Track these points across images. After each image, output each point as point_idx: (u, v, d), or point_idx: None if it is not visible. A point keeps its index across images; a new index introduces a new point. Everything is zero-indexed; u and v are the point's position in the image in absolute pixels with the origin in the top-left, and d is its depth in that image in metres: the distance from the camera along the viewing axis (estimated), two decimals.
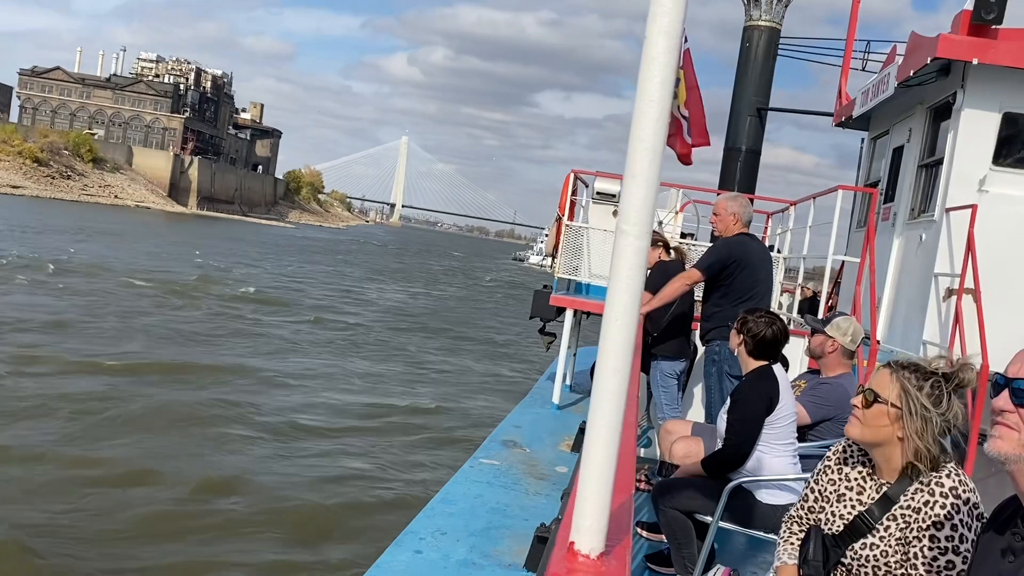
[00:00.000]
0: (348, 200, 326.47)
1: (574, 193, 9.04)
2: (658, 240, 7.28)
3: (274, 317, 29.35)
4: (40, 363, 17.34)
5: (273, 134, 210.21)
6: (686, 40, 7.35)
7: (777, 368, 4.67)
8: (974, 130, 7.74)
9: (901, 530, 2.63)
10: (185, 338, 22.76)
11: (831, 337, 5.07)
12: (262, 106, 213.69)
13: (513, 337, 32.20)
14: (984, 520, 2.44)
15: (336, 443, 14.85)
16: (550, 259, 9.49)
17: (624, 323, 1.13)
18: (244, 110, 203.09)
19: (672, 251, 7.39)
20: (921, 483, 2.63)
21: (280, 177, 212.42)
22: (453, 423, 17.37)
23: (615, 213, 10.51)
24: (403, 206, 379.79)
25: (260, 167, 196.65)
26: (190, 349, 21.26)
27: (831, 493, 2.87)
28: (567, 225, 8.68)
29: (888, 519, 2.66)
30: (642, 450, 7.54)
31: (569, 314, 8.57)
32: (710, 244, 8.04)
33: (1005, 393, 1.91)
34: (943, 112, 8.25)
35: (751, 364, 4.69)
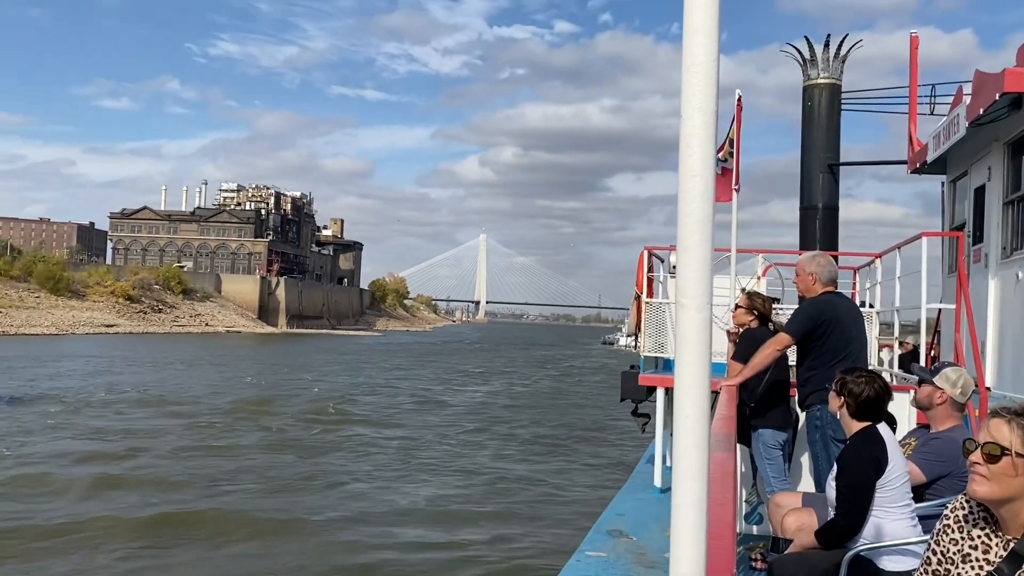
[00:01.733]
0: (434, 302, 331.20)
1: (650, 270, 9.01)
2: (754, 307, 7.12)
3: (350, 429, 28.79)
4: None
5: (354, 247, 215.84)
6: (741, 103, 7.40)
7: (882, 428, 4.50)
8: None
9: None
10: (219, 468, 21.47)
11: (940, 388, 4.86)
12: (342, 221, 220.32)
13: (608, 422, 31.75)
14: None
15: (435, 539, 14.78)
16: (633, 339, 9.41)
17: (696, 398, 1.12)
18: (325, 227, 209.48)
19: (771, 324, 7.19)
20: None
21: (365, 287, 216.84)
22: (554, 513, 17.12)
23: None
24: (487, 302, 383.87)
25: (345, 280, 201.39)
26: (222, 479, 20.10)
27: (955, 554, 2.72)
28: (647, 302, 8.63)
29: None
30: (755, 527, 7.28)
31: (660, 393, 8.44)
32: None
33: None
34: (1021, 146, 8.04)
35: (855, 426, 4.53)
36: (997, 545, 2.60)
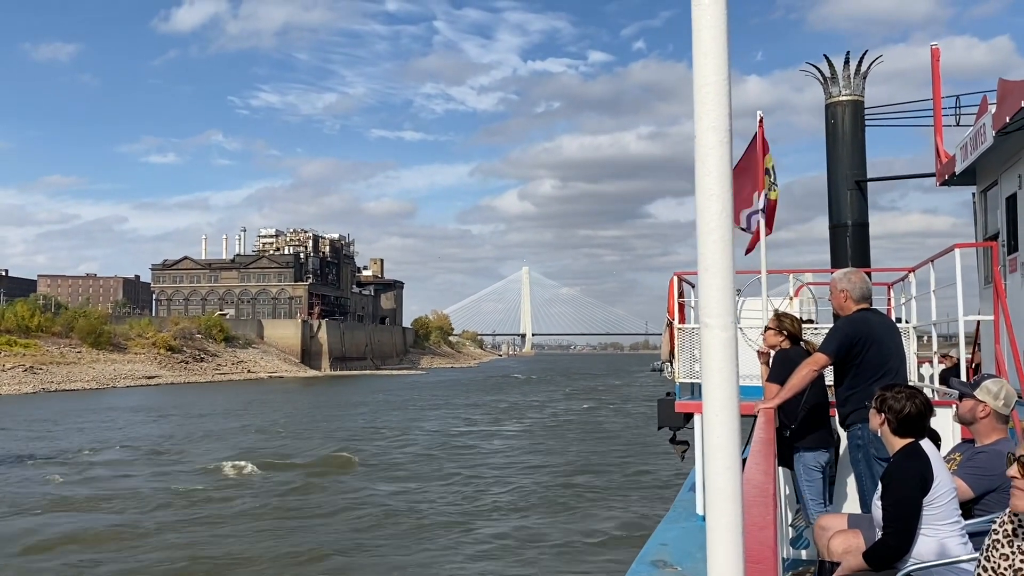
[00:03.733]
0: (479, 337, 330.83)
1: (681, 295, 8.97)
2: (783, 328, 7.07)
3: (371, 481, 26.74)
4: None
5: (395, 286, 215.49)
6: (763, 125, 7.38)
7: (926, 444, 4.43)
8: None
9: None
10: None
11: (981, 401, 4.78)
12: (382, 261, 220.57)
13: (646, 447, 31.44)
14: None
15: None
16: (668, 365, 9.35)
17: (725, 418, 1.11)
18: (365, 268, 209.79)
19: (804, 343, 7.13)
20: None
21: (408, 326, 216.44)
22: (597, 549, 16.95)
23: None
24: (533, 334, 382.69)
25: (387, 319, 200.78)
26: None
27: (1006, 569, 2.66)
28: (679, 328, 8.58)
29: None
30: (803, 552, 7.15)
31: (697, 419, 8.36)
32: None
33: None
34: None
35: (897, 443, 4.46)
36: None
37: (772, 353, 7.14)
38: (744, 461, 3.74)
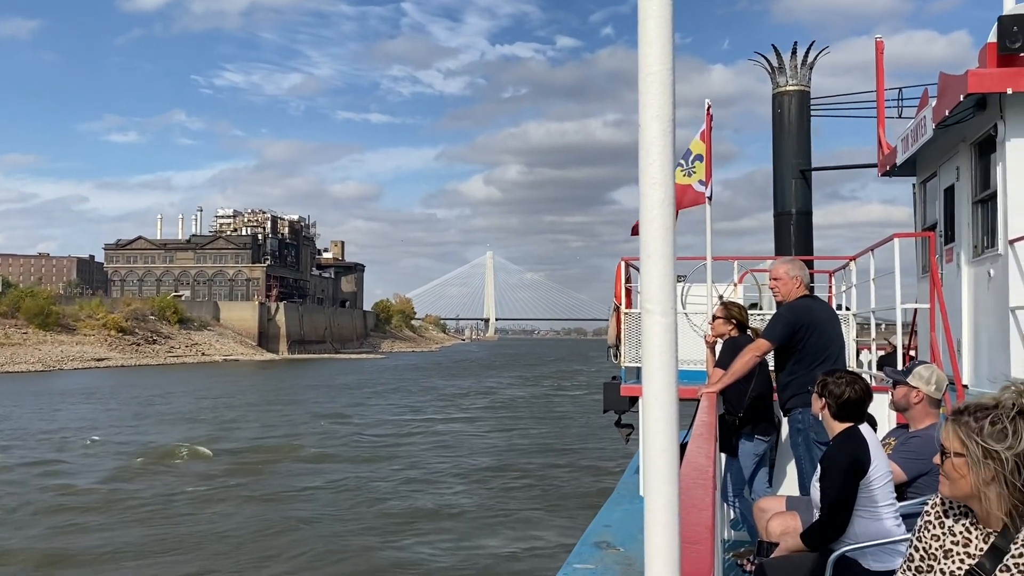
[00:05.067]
0: (442, 321, 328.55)
1: (628, 281, 9.04)
2: (731, 317, 7.18)
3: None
4: None
5: (356, 269, 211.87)
6: (711, 113, 7.46)
7: (864, 428, 4.54)
8: (1023, 158, 7.62)
9: None
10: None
11: (914, 387, 4.92)
12: (343, 244, 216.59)
13: (591, 430, 31.73)
14: None
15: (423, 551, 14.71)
16: (614, 350, 9.44)
17: (664, 401, 1.14)
18: (326, 250, 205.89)
19: (751, 331, 7.25)
20: None
21: (370, 310, 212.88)
22: (540, 531, 17.09)
23: None
24: (497, 319, 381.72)
25: (347, 303, 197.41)
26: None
27: (937, 550, 2.74)
28: (626, 313, 8.65)
29: (1001, 571, 2.52)
30: (746, 534, 7.30)
31: (642, 403, 8.45)
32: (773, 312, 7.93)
33: None
34: (988, 146, 8.15)
35: (836, 427, 4.57)
36: (977, 539, 2.62)
37: (719, 340, 7.25)
38: (685, 445, 3.81)
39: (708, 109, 7.40)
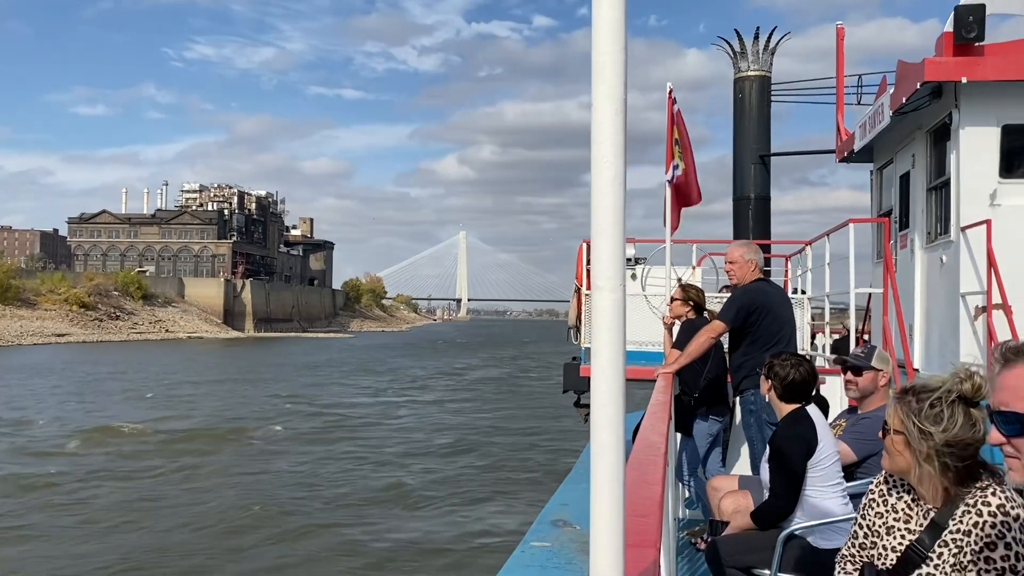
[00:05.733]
0: (414, 301, 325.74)
1: (589, 262, 9.08)
2: (689, 299, 7.25)
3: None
4: None
5: (325, 246, 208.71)
6: (674, 100, 7.50)
7: (812, 409, 4.62)
8: (976, 146, 7.78)
9: (954, 555, 2.56)
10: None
11: (880, 370, 4.98)
12: (311, 221, 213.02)
13: (558, 410, 31.92)
14: None
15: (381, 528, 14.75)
16: (574, 331, 9.49)
17: (611, 374, 1.16)
18: (295, 227, 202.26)
19: (706, 312, 7.33)
20: (967, 504, 2.58)
21: (339, 288, 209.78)
22: (500, 514, 17.18)
23: (633, 276, 10.58)
24: (469, 299, 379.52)
25: (316, 281, 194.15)
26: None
27: (880, 527, 2.82)
28: (586, 294, 8.69)
29: (940, 546, 2.61)
30: (701, 513, 7.41)
31: (592, 377, 8.49)
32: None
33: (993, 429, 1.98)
34: (943, 133, 8.30)
35: (784, 409, 4.65)
36: (918, 515, 2.71)
37: (677, 322, 7.33)
38: (640, 423, 3.86)
39: (670, 93, 7.44)
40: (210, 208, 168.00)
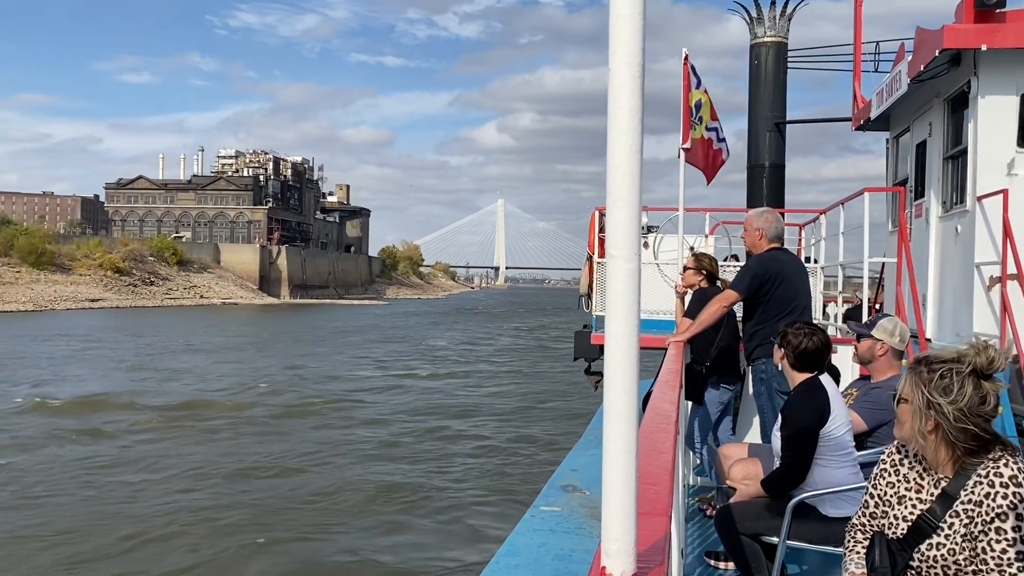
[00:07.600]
0: (452, 269, 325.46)
1: (602, 231, 9.06)
2: (702, 268, 7.23)
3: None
4: None
5: (362, 213, 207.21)
6: (692, 66, 7.40)
7: (825, 379, 4.61)
8: (994, 115, 7.67)
9: (965, 526, 2.57)
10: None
11: (879, 340, 4.99)
12: (348, 187, 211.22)
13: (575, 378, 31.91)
14: None
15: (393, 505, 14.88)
16: (586, 299, 9.49)
17: (626, 344, 1.16)
18: (331, 193, 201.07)
19: (719, 282, 7.31)
20: (979, 475, 2.58)
21: (375, 255, 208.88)
22: (510, 478, 17.28)
23: (645, 245, 10.54)
24: (507, 267, 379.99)
25: (352, 248, 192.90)
26: None
27: (891, 496, 2.82)
28: (598, 263, 8.68)
29: (951, 516, 2.61)
30: (712, 480, 7.44)
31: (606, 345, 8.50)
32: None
33: None
34: (960, 102, 8.19)
35: (797, 378, 4.65)
36: (929, 484, 2.71)
37: (689, 291, 7.31)
38: (650, 392, 3.86)
39: (686, 59, 7.35)
40: (246, 174, 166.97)
